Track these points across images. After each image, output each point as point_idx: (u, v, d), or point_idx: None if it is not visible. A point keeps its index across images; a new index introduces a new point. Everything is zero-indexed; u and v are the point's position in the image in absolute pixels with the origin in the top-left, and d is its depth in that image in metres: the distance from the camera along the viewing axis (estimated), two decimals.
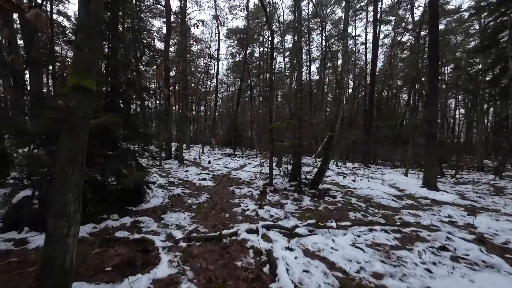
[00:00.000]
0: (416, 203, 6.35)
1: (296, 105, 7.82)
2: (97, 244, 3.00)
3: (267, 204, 5.58)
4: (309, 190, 6.86)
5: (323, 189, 7.23)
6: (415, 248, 3.50)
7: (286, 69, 31.09)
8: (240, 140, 20.92)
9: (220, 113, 37.49)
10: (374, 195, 6.88)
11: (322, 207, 5.43)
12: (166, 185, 6.80)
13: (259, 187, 7.15)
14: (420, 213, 5.32)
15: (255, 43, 30.53)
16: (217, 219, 4.30)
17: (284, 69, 27.28)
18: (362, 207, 5.65)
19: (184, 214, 4.40)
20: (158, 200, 5.17)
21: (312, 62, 30.84)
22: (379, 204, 6.01)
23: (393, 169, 15.48)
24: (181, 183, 7.35)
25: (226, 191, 6.63)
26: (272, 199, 5.99)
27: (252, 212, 4.72)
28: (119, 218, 3.95)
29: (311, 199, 6.06)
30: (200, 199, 5.58)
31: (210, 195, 6.11)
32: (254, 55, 32.17)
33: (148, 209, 4.61)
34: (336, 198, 6.22)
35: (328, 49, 27.24)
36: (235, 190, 6.66)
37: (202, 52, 29.11)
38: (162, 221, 3.94)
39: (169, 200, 5.33)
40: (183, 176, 8.50)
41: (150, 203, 4.89)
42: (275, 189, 6.91)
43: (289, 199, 6.05)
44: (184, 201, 5.35)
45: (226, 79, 37.59)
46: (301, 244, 3.34)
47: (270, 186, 7.18)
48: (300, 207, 5.53)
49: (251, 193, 6.48)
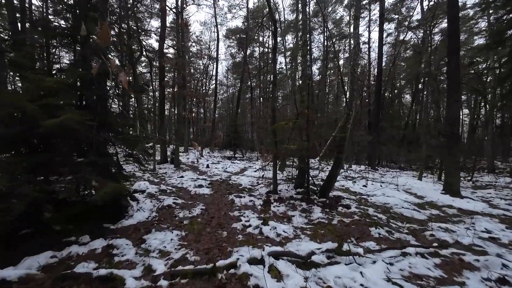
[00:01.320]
0: (442, 214, 5.54)
1: (302, 103, 7.05)
2: (47, 286, 2.21)
3: (272, 217, 4.80)
4: (319, 199, 6.06)
5: (334, 197, 6.43)
6: (466, 280, 2.71)
7: (287, 70, 30.50)
8: (240, 142, 20.15)
9: (219, 114, 36.79)
10: (392, 203, 6.09)
11: (337, 221, 4.64)
12: (157, 194, 6.02)
13: (262, 196, 6.36)
14: (451, 227, 4.52)
15: (255, 43, 29.92)
16: (212, 239, 3.51)
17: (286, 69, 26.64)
18: (382, 219, 4.85)
19: (172, 233, 3.61)
20: (144, 214, 4.38)
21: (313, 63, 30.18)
22: (401, 216, 5.21)
23: (402, 172, 14.68)
24: (174, 191, 6.56)
25: (225, 201, 5.84)
26: (278, 210, 5.20)
27: (255, 230, 3.92)
28: (90, 241, 3.17)
29: (322, 210, 5.27)
30: (194, 212, 4.79)
31: (206, 206, 5.32)
32: (254, 55, 31.51)
33: (130, 226, 3.83)
34: (350, 209, 5.42)
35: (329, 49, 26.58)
36: (235, 200, 5.88)
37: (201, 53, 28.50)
38: (143, 245, 3.15)
39: (157, 214, 4.54)
40: (178, 182, 7.71)
41: (133, 218, 4.10)
42: (280, 198, 6.12)
43: (297, 210, 5.26)
44: (174, 215, 4.56)
45: (226, 80, 36.96)
46: (320, 279, 2.54)
47: (274, 194, 6.39)
48: (310, 220, 4.74)
49: (253, 203, 5.69)
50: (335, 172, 6.19)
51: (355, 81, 6.28)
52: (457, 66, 7.03)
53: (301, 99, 7.24)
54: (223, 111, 37.85)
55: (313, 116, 5.90)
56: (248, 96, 34.91)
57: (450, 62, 7.19)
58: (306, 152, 5.49)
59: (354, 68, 6.29)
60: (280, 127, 5.61)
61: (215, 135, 28.24)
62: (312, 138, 5.91)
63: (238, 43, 29.10)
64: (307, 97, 5.89)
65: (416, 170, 16.27)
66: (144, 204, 4.88)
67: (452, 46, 7.08)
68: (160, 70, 10.70)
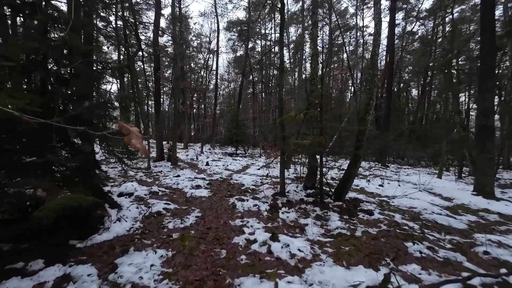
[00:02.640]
0: (482, 220, 4.68)
1: (312, 92, 6.16)
2: None
3: (281, 226, 3.97)
4: (333, 202, 5.22)
5: (350, 199, 5.59)
6: None
7: (291, 64, 29.48)
8: (242, 138, 19.30)
9: (221, 110, 35.93)
10: (420, 207, 5.22)
11: (361, 232, 3.79)
12: (147, 197, 5.21)
13: (268, 198, 5.53)
14: (504, 239, 3.65)
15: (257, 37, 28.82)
16: (206, 262, 2.68)
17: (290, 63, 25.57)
18: (415, 230, 4.00)
19: (155, 253, 2.79)
20: (125, 225, 3.57)
21: None
22: (435, 224, 4.36)
23: (415, 169, 13.78)
24: (167, 193, 5.75)
25: (225, 205, 5.01)
26: (287, 217, 4.37)
27: (262, 247, 3.09)
28: (42, 268, 2.36)
29: (340, 217, 4.42)
30: (187, 221, 3.97)
31: (202, 212, 4.49)
32: (256, 49, 30.43)
33: (103, 244, 3.01)
34: (373, 215, 4.58)
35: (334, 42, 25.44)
36: (237, 204, 5.05)
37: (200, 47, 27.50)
38: (112, 275, 2.33)
39: (142, 224, 3.73)
40: (173, 182, 6.90)
41: (110, 231, 3.28)
42: (288, 201, 5.28)
43: (310, 217, 4.43)
44: (163, 225, 3.74)
45: (227, 75, 35.99)
46: None
47: (282, 196, 5.56)
48: (328, 230, 3.91)
49: (258, 208, 4.85)
50: (353, 172, 5.33)
51: (376, 65, 5.37)
52: (491, 48, 6.07)
53: (311, 88, 6.36)
54: (224, 106, 36.98)
55: (327, 105, 5.00)
56: (249, 91, 33.93)
57: (484, 43, 6.23)
58: (321, 148, 4.63)
59: (375, 50, 5.37)
60: (290, 120, 4.75)
61: (216, 131, 27.41)
62: (327, 131, 5.03)
63: (240, 36, 28.05)
64: (321, 84, 4.99)
65: (427, 167, 15.37)
66: (128, 212, 4.06)
67: (486, 24, 6.11)
68: (155, 59, 9.83)
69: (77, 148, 3.50)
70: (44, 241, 2.75)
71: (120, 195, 5.04)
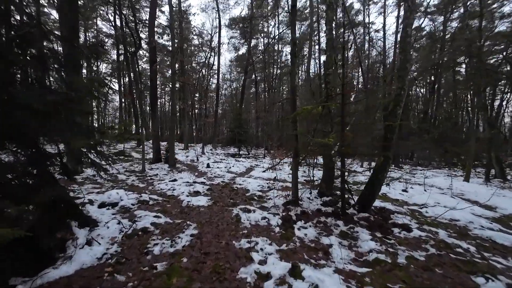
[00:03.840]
0: None
1: (329, 84, 5.28)
2: None
3: (299, 248, 3.10)
4: (358, 214, 4.33)
5: (377, 209, 4.69)
6: None
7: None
8: (245, 138, 18.43)
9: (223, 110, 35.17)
10: (464, 220, 4.30)
11: (404, 257, 2.90)
12: (134, 208, 4.36)
13: (279, 208, 4.65)
14: None
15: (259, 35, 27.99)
16: None
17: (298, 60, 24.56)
18: (472, 253, 3.10)
19: None
20: (97, 250, 2.72)
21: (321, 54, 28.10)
22: (493, 243, 3.45)
23: (431, 170, 12.79)
24: (159, 202, 4.89)
25: (227, 218, 4.14)
26: (306, 236, 3.49)
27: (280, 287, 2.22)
28: None
29: (370, 233, 3.53)
30: (179, 242, 3.11)
31: (199, 228, 3.63)
32: (258, 47, 29.57)
33: (56, 283, 2.16)
34: (412, 232, 3.68)
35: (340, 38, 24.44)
36: (242, 216, 4.18)
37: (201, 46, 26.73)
38: None
39: (120, 248, 2.87)
40: (168, 188, 6.05)
41: (72, 262, 2.44)
42: (303, 212, 4.40)
43: (334, 235, 3.55)
44: (147, 250, 2.88)
45: (229, 75, 35.24)
46: None
47: (295, 205, 4.67)
48: (360, 254, 3.03)
49: (268, 221, 3.98)
50: (381, 177, 4.43)
51: (407, 49, 4.47)
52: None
53: (326, 79, 5.48)
54: (226, 106, 36.24)
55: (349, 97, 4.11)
56: (252, 91, 33.08)
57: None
58: (347, 148, 3.74)
59: (407, 31, 4.47)
60: (305, 114, 3.87)
61: (218, 130, 26.60)
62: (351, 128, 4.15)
63: (242, 33, 27.25)
64: (342, 69, 4.10)
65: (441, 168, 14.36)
66: (105, 230, 3.21)
67: None
68: (151, 51, 9.01)
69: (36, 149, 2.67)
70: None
71: (102, 206, 4.19)
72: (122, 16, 15.70)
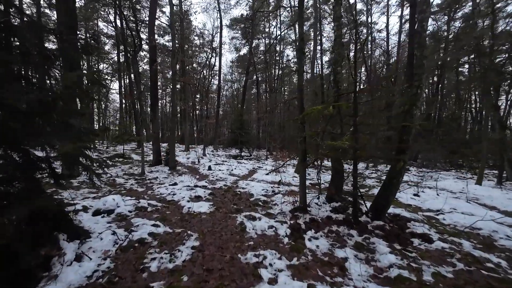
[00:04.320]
0: None
1: (338, 83, 4.99)
2: None
3: (311, 263, 2.80)
4: (372, 222, 4.02)
5: (391, 216, 4.38)
6: None
7: (294, 64, 28.22)
8: (247, 139, 18.15)
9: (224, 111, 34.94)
10: (486, 229, 3.98)
11: (430, 274, 2.60)
12: (131, 215, 4.07)
13: (286, 215, 4.35)
14: None
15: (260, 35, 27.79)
16: None
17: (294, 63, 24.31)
18: (504, 268, 2.79)
19: None
20: (87, 267, 2.43)
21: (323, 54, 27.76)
22: None
23: (438, 172, 12.43)
24: (158, 208, 4.60)
25: (231, 226, 3.84)
26: (317, 248, 3.18)
27: None
28: None
29: (388, 245, 3.23)
30: (179, 256, 2.82)
31: (201, 239, 3.33)
32: (259, 47, 29.33)
33: None
34: (433, 243, 3.36)
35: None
36: (247, 224, 3.88)
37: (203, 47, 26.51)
38: None
39: (114, 264, 2.58)
40: (168, 192, 5.76)
41: (57, 283, 2.15)
42: (313, 220, 4.09)
43: (348, 246, 3.24)
44: (143, 266, 2.58)
45: (230, 76, 35.04)
46: None
47: (303, 212, 4.37)
48: (379, 270, 2.73)
49: (275, 231, 3.68)
50: (396, 182, 4.12)
51: (424, 43, 4.17)
52: None
53: (335, 78, 5.19)
54: (227, 107, 36.01)
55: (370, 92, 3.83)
56: (253, 92, 32.80)
57: None
58: (362, 151, 3.44)
59: (423, 25, 4.18)
60: (315, 114, 3.57)
61: (219, 132, 26.34)
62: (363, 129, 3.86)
63: (243, 34, 27.06)
64: (355, 68, 3.81)
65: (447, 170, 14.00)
66: (98, 241, 2.92)
67: None
68: (151, 51, 8.75)
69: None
70: None
71: (96, 214, 3.91)
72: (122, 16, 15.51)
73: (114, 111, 32.53)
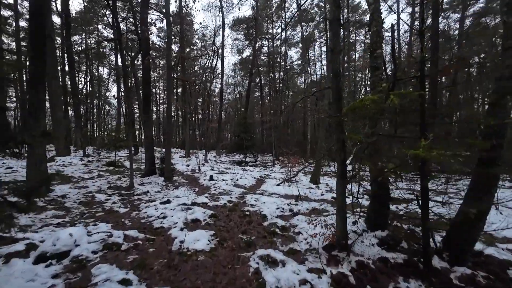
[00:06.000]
0: None
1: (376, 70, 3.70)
2: None
3: None
4: (452, 268, 2.68)
5: (477, 257, 3.02)
6: None
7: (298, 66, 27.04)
8: (252, 144, 16.87)
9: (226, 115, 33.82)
10: None
11: None
12: (94, 259, 2.76)
13: (319, 255, 3.01)
14: None
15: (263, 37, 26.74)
16: None
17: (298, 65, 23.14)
18: None
19: None
20: None
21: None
22: None
23: None
24: (138, 243, 3.29)
25: (241, 278, 2.52)
26: None
27: None
28: None
29: None
30: None
31: None
32: (262, 50, 28.25)
33: None
34: None
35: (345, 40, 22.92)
36: (264, 274, 2.55)
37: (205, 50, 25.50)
38: None
39: None
40: (157, 215, 4.46)
41: None
42: (362, 265, 2.75)
43: None
44: None
45: (233, 79, 34.04)
46: None
47: (344, 250, 3.03)
48: None
49: (309, 285, 2.35)
50: (483, 206, 2.77)
51: None
52: None
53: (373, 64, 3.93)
54: (230, 111, 34.91)
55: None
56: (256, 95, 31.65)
57: None
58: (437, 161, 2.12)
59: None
60: (373, 106, 2.27)
61: (222, 136, 25.10)
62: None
63: (246, 35, 26.07)
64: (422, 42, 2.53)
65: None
66: None
67: None
68: (143, 43, 7.59)
69: None
70: None
71: (40, 260, 2.61)
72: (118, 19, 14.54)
73: (114, 115, 31.62)
